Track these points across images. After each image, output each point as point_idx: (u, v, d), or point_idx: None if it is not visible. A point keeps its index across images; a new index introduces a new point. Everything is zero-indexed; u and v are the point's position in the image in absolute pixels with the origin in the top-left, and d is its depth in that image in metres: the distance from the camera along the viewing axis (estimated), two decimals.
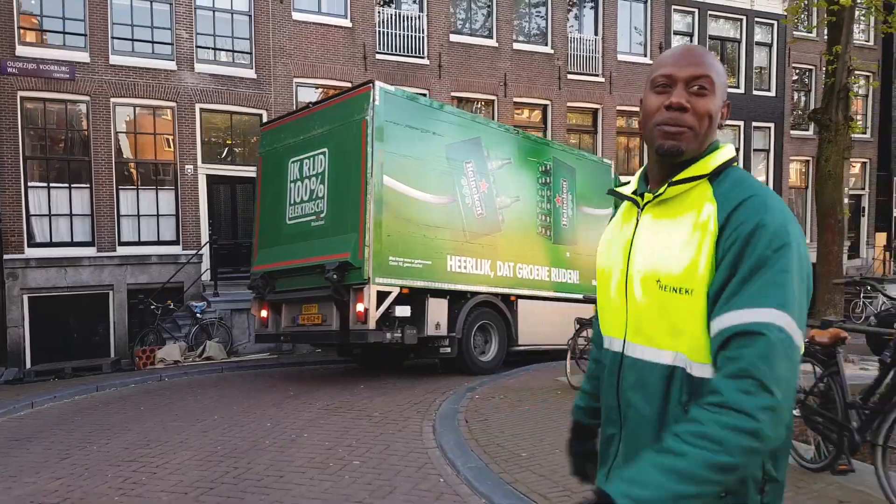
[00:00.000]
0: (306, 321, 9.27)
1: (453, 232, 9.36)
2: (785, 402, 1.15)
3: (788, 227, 1.21)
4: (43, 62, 12.81)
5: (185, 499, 4.66)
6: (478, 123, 10.30)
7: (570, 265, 11.30)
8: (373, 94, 8.47)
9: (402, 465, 5.26)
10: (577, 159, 11.98)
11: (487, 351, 9.98)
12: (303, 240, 9.22)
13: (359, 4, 15.50)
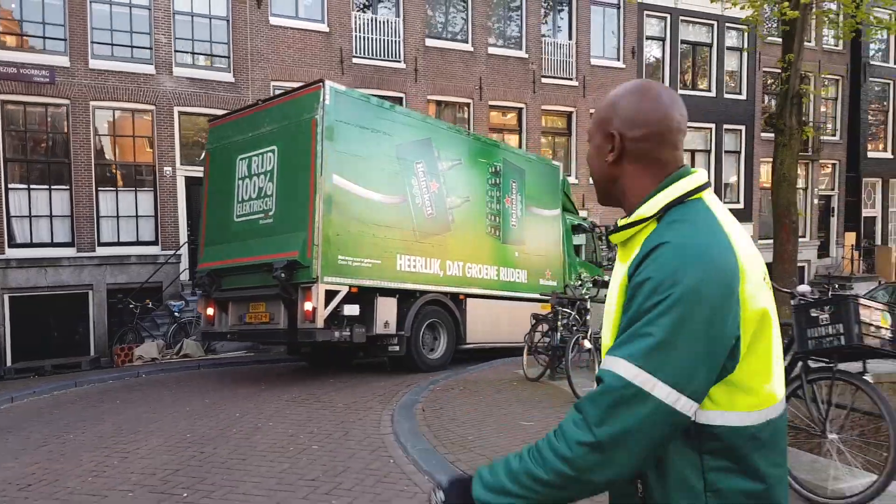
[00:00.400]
0: (253, 319, 9.21)
1: (403, 231, 9.43)
2: (605, 445, 1.16)
3: (674, 279, 1.17)
4: (23, 66, 13.07)
5: (153, 479, 5.03)
6: (428, 124, 10.43)
7: (518, 265, 11.43)
8: (323, 92, 8.47)
9: (358, 449, 5.65)
10: (527, 161, 12.18)
11: (436, 349, 10.09)
12: (251, 238, 9.16)
13: (336, 9, 15.87)
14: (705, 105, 21.05)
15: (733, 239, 1.24)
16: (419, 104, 16.84)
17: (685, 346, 1.15)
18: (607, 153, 1.34)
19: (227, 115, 10.47)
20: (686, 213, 1.27)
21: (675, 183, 1.30)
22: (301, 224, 8.50)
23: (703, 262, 1.18)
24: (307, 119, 8.57)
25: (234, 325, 9.53)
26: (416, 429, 6.13)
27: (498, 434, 5.89)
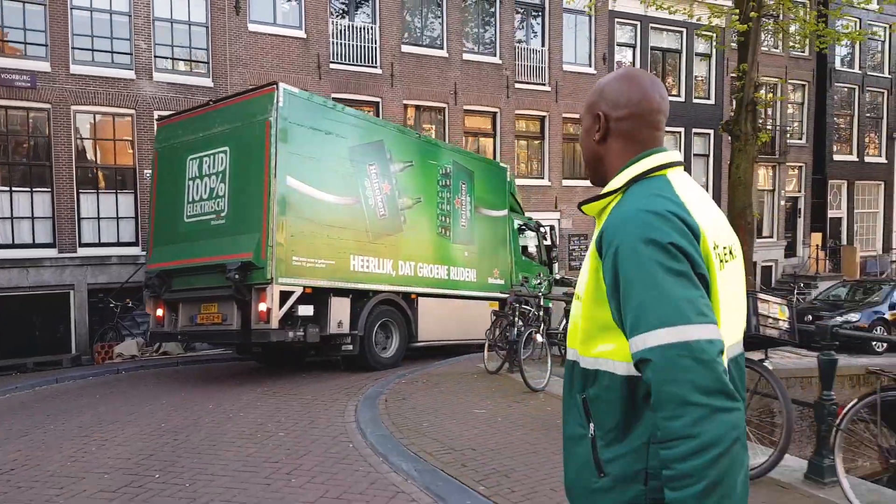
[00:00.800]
0: (205, 320, 9.17)
1: (356, 232, 9.55)
2: (708, 404, 1.16)
3: (640, 235, 1.26)
4: (5, 71, 13.36)
5: (128, 463, 5.45)
6: (381, 127, 10.64)
7: (468, 264, 11.71)
8: (277, 95, 8.54)
9: (321, 435, 6.10)
10: (476, 162, 12.48)
11: (388, 347, 10.26)
12: (202, 238, 9.12)
13: (313, 16, 16.27)
14: (675, 109, 21.62)
15: (689, 204, 1.33)
16: (395, 109, 17.29)
17: (678, 288, 1.22)
18: (594, 133, 1.47)
19: (176, 114, 10.44)
20: (647, 185, 1.37)
21: (641, 160, 1.40)
22: (255, 225, 8.53)
23: (654, 217, 1.27)
24: (261, 121, 8.63)
25: (186, 326, 9.45)
26: (376, 417, 6.60)
27: (451, 421, 6.38)
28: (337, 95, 16.61)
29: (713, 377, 1.17)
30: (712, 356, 1.18)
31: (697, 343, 1.18)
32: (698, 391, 1.16)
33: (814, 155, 25.21)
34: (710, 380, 1.17)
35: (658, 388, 1.19)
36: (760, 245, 24.24)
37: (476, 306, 11.24)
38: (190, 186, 9.41)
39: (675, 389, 1.17)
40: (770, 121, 24.12)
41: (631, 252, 1.25)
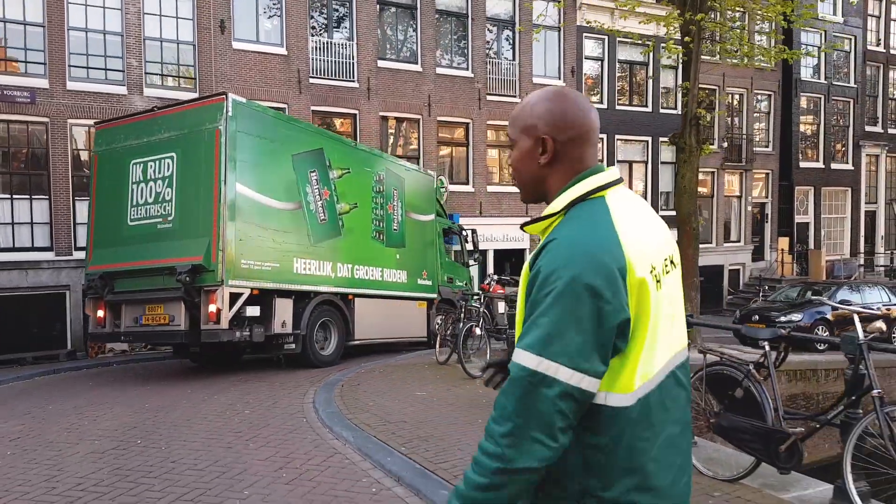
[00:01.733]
0: (151, 321, 9.35)
1: (299, 236, 9.96)
2: (525, 432, 1.25)
3: (559, 271, 1.28)
4: (6, 88, 14.39)
5: (115, 433, 6.50)
6: (321, 135, 11.12)
7: (399, 266, 12.30)
8: (226, 105, 8.90)
9: (280, 413, 7.16)
10: (406, 170, 13.12)
11: (328, 346, 10.73)
12: (147, 241, 9.32)
13: (294, 34, 17.33)
14: (642, 119, 22.78)
15: (622, 234, 1.34)
16: (372, 120, 18.36)
17: (576, 330, 1.26)
18: (539, 156, 1.45)
19: (117, 118, 10.74)
20: (584, 209, 1.38)
21: (581, 181, 1.42)
22: (205, 229, 8.88)
23: (584, 254, 1.29)
24: (210, 129, 8.98)
25: (130, 327, 9.61)
26: (330, 398, 7.66)
27: (394, 401, 7.45)
28: (316, 108, 17.70)
29: (543, 412, 1.26)
30: (554, 396, 1.25)
31: (547, 379, 1.26)
32: (521, 415, 1.26)
33: (780, 162, 26.33)
34: (539, 413, 1.26)
35: (500, 395, 1.31)
36: (728, 249, 25.44)
37: (407, 306, 11.90)
38: (133, 190, 9.62)
39: (506, 403, 1.29)
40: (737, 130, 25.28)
41: (548, 278, 1.29)
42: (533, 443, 1.25)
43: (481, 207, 20.20)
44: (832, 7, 27.12)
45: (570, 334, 1.26)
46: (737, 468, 4.62)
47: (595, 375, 1.28)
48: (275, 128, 9.91)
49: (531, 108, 1.47)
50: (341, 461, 5.40)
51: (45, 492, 4.82)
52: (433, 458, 5.33)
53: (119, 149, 9.98)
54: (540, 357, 1.27)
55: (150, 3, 15.79)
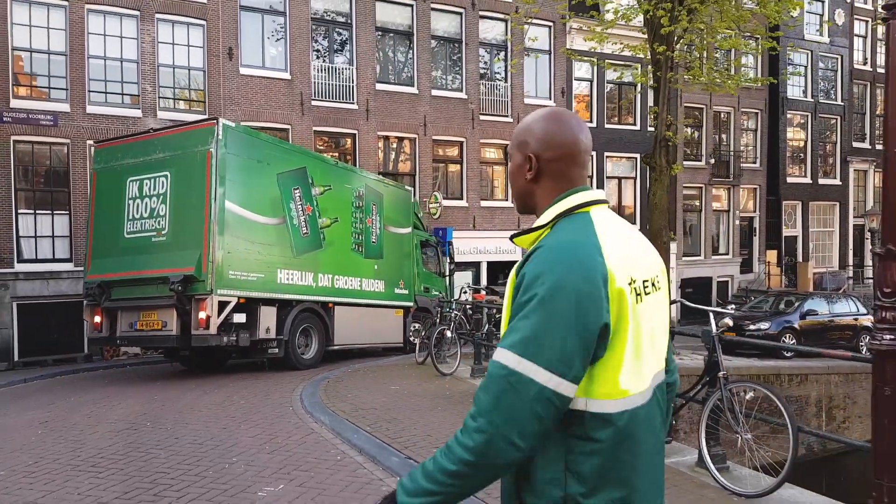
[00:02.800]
0: (145, 326, 10.11)
1: (283, 249, 10.73)
2: (499, 429, 1.28)
3: (543, 276, 1.33)
4: (32, 112, 15.66)
5: (128, 418, 7.60)
6: (304, 155, 11.92)
7: (377, 276, 13.10)
8: (217, 128, 9.70)
9: (271, 403, 8.24)
10: (385, 186, 13.95)
11: (309, 350, 11.50)
12: (143, 253, 10.05)
13: (297, 60, 18.54)
14: (630, 137, 23.81)
15: (605, 244, 1.39)
16: (370, 140, 19.52)
17: (557, 333, 1.29)
18: (526, 171, 1.53)
19: (114, 139, 11.58)
20: (569, 222, 1.45)
21: (567, 197, 1.48)
22: (196, 243, 9.64)
23: (567, 260, 1.34)
24: (202, 151, 9.77)
25: (126, 332, 10.38)
26: (315, 392, 8.73)
27: (369, 394, 8.51)
28: (318, 129, 18.89)
29: (519, 413, 1.28)
30: (532, 398, 1.28)
31: (525, 380, 1.28)
32: (499, 414, 1.29)
33: (767, 177, 27.25)
34: (514, 413, 1.28)
35: (478, 391, 1.34)
36: (717, 261, 26.35)
37: (384, 314, 12.73)
38: (130, 205, 10.37)
39: (483, 399, 1.32)
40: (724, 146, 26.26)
41: (532, 282, 1.33)
42: (505, 442, 1.28)
43: (475, 221, 21.26)
44: (819, 28, 28.10)
45: (552, 337, 1.29)
46: None
47: (573, 380, 1.31)
48: (261, 149, 10.71)
49: (527, 126, 1.54)
50: (316, 438, 6.46)
51: (71, 458, 5.92)
52: (392, 435, 6.37)
53: (117, 167, 10.70)
54: (520, 357, 1.30)
55: (163, 33, 17.07)
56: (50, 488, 5.09)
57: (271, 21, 18.46)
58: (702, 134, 25.91)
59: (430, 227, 20.24)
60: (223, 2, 17.56)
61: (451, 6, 20.73)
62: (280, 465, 5.54)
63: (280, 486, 4.97)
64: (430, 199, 20.25)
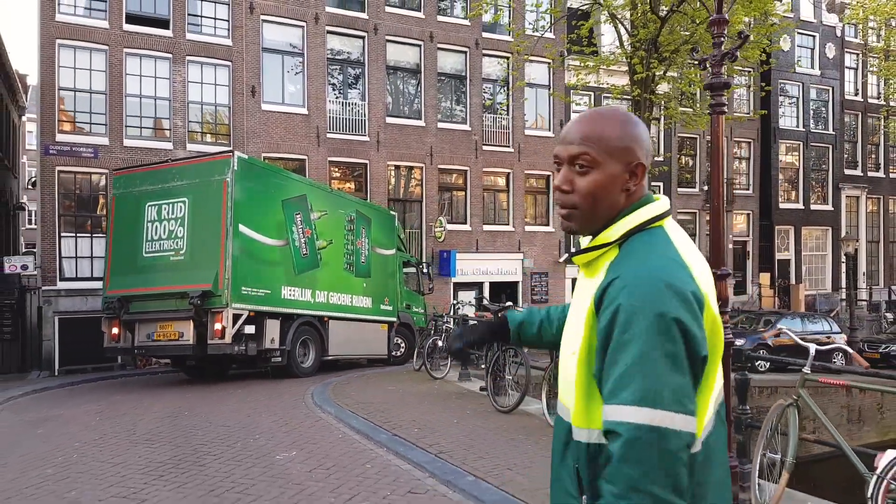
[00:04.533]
0: (162, 337, 11.03)
1: (286, 268, 11.79)
2: (657, 497, 1.15)
3: (644, 310, 1.20)
4: (75, 145, 17.43)
5: (169, 410, 9.08)
6: (304, 183, 13.04)
7: (366, 293, 14.19)
8: (232, 161, 10.87)
9: (286, 401, 9.69)
10: (372, 210, 15.18)
11: (307, 360, 12.48)
12: (161, 270, 11.03)
13: (314, 96, 20.23)
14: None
15: (692, 268, 1.28)
16: (381, 168, 21.12)
17: (675, 370, 1.19)
18: (627, 181, 1.34)
19: (131, 167, 12.73)
20: (645, 240, 1.31)
21: (637, 210, 1.34)
22: (213, 261, 10.69)
23: (667, 288, 1.21)
24: (219, 180, 10.86)
25: (143, 342, 11.31)
26: (324, 391, 10.18)
27: (370, 393, 9.96)
28: (332, 159, 20.52)
29: (670, 471, 1.16)
30: (677, 448, 1.17)
31: (667, 432, 1.17)
32: (651, 481, 1.16)
33: (760, 203, 28.52)
34: (667, 473, 1.16)
35: (617, 464, 1.18)
36: None
37: (371, 328, 13.91)
38: (148, 228, 11.36)
39: (630, 472, 1.17)
40: None
41: (632, 317, 1.21)
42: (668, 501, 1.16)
43: (477, 245, 22.72)
44: (810, 61, 29.50)
45: (672, 377, 1.19)
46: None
47: (694, 414, 1.21)
48: (269, 178, 11.92)
49: (621, 130, 1.33)
50: (323, 423, 7.92)
51: (129, 436, 7.42)
52: (383, 420, 7.80)
53: (135, 192, 11.67)
54: (653, 410, 1.18)
55: (193, 73, 18.84)
56: (115, 453, 6.59)
57: (290, 61, 20.20)
58: (696, 162, 27.30)
59: (436, 250, 21.79)
60: (247, 45, 19.34)
61: (456, 46, 22.41)
62: (293, 440, 7.00)
63: (293, 452, 6.43)
64: (435, 223, 21.77)
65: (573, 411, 1.32)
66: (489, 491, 4.95)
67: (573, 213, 1.37)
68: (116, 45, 17.86)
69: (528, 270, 23.29)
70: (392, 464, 5.96)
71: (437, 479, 5.41)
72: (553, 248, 23.98)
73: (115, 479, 5.64)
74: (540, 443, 6.47)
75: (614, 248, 1.34)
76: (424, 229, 21.88)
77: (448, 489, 5.14)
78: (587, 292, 1.34)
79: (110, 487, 5.41)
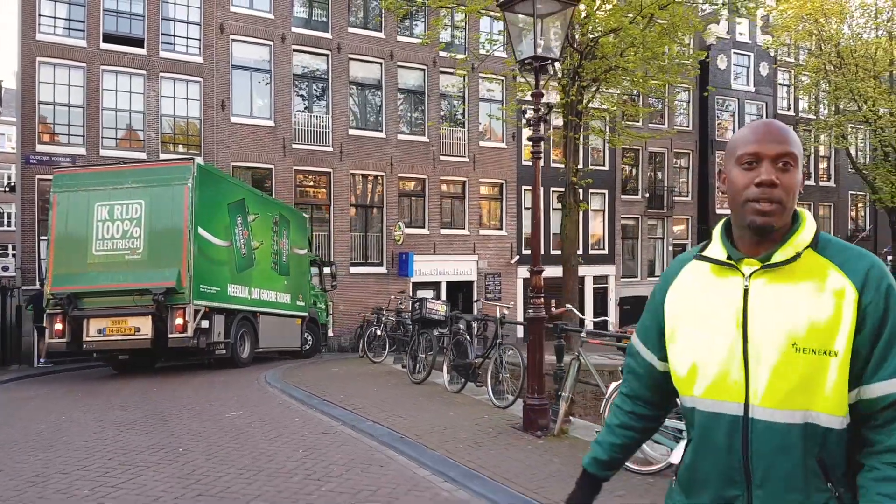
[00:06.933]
0: (116, 332, 11.38)
1: (231, 267, 12.58)
2: None
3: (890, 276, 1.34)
4: (54, 155, 18.82)
5: (139, 390, 10.65)
6: (243, 188, 14.01)
7: (286, 290, 15.20)
8: (193, 167, 11.55)
9: (242, 381, 11.27)
10: (291, 213, 16.21)
11: (244, 352, 13.40)
12: (116, 269, 11.36)
13: (280, 109, 21.82)
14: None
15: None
16: (344, 177, 22.76)
17: None
18: (802, 184, 1.45)
19: (76, 167, 13.58)
20: (837, 240, 1.46)
21: (807, 216, 1.47)
22: (175, 261, 11.33)
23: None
24: (180, 184, 11.46)
25: (93, 338, 11.54)
26: (276, 375, 11.77)
27: (314, 374, 11.62)
28: (298, 168, 22.13)
29: None
30: None
31: None
32: None
33: (698, 209, 30.63)
34: None
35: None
36: (652, 282, 29.49)
37: (290, 322, 15.17)
38: (99, 227, 11.56)
39: None
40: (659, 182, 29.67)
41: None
42: None
43: (435, 247, 24.44)
44: (746, 78, 31.71)
45: None
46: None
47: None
48: (220, 183, 12.75)
49: (796, 138, 1.45)
50: (270, 395, 9.57)
51: (106, 404, 9.00)
52: (319, 392, 9.46)
53: (81, 192, 11.85)
54: None
55: (166, 88, 20.36)
56: (95, 416, 8.19)
57: (259, 77, 21.78)
58: (638, 171, 29.32)
59: (396, 252, 23.48)
60: (217, 62, 20.90)
61: (415, 64, 24.13)
62: (242, 405, 8.65)
63: (240, 412, 8.09)
64: (395, 227, 23.47)
65: (828, 404, 1.36)
66: (377, 428, 6.70)
67: (777, 209, 1.41)
68: (94, 62, 19.33)
69: (482, 271, 25.02)
70: (316, 418, 7.66)
71: (345, 424, 7.12)
72: (505, 250, 25.77)
73: (96, 429, 7.25)
74: (433, 401, 8.25)
75: (809, 250, 1.42)
76: (385, 233, 23.55)
77: (350, 430, 6.86)
78: (806, 291, 1.38)
79: (93, 434, 7.02)
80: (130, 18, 19.94)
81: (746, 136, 1.45)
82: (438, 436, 6.56)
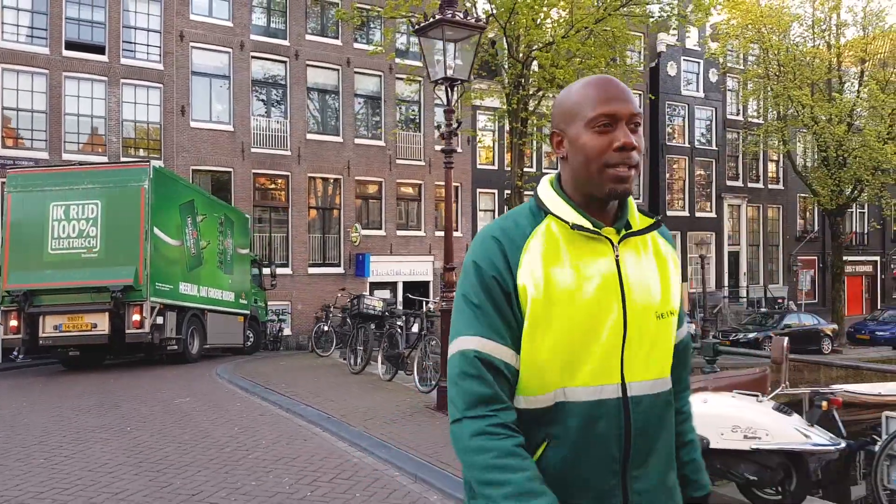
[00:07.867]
0: (73, 328, 11.62)
1: (182, 265, 13.01)
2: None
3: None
4: (17, 159, 19.31)
5: (96, 384, 11.39)
6: (193, 189, 14.46)
7: (230, 288, 15.67)
8: (150, 169, 11.97)
9: (196, 375, 12.07)
10: (234, 213, 16.78)
11: (194, 348, 13.82)
12: (72, 267, 11.57)
13: (239, 114, 22.51)
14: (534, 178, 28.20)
15: None
16: (301, 180, 23.52)
17: None
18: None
19: (30, 167, 14.15)
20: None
21: None
22: (132, 259, 11.75)
23: None
24: (136, 186, 11.85)
25: (49, 334, 11.83)
26: (228, 369, 12.59)
27: (265, 368, 12.48)
28: (256, 171, 22.83)
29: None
30: None
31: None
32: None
33: (649, 205, 31.91)
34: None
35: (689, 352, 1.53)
36: None
37: (234, 319, 15.75)
38: (55, 226, 11.82)
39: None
40: None
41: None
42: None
43: (391, 248, 25.31)
44: (696, 85, 33.12)
45: None
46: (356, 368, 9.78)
47: None
48: (172, 185, 13.21)
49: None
50: (218, 385, 10.43)
51: (64, 394, 9.76)
52: (264, 381, 10.35)
53: (36, 192, 12.11)
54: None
55: (127, 94, 20.94)
56: (54, 404, 8.96)
57: (218, 83, 22.45)
58: None
59: (353, 253, 24.31)
60: (177, 69, 21.54)
61: (372, 70, 24.95)
62: (190, 392, 9.50)
63: (188, 398, 8.93)
64: (352, 229, 24.29)
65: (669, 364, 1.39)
66: (308, 410, 7.64)
67: (634, 174, 1.33)
68: (56, 69, 19.86)
69: (437, 271, 25.95)
70: (256, 403, 8.54)
71: (281, 408, 8.03)
72: (461, 250, 26.64)
73: (54, 415, 8.04)
74: (364, 388, 9.21)
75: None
76: (343, 234, 24.36)
77: (284, 412, 7.77)
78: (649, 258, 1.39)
79: (52, 417, 7.82)
80: (92, 26, 20.49)
81: (592, 94, 1.32)
82: (361, 415, 7.49)
